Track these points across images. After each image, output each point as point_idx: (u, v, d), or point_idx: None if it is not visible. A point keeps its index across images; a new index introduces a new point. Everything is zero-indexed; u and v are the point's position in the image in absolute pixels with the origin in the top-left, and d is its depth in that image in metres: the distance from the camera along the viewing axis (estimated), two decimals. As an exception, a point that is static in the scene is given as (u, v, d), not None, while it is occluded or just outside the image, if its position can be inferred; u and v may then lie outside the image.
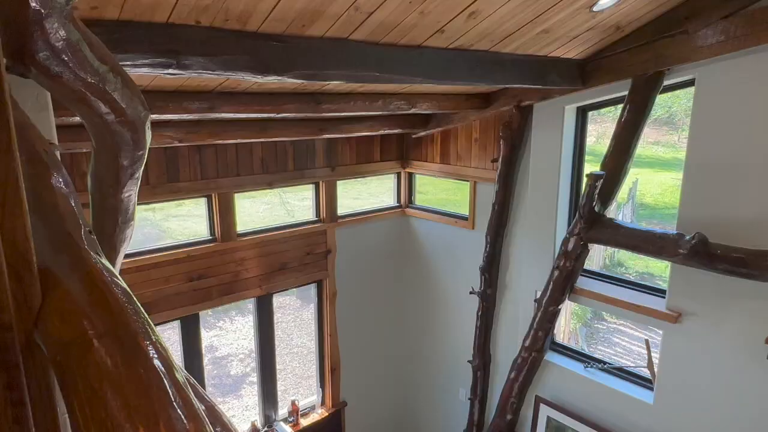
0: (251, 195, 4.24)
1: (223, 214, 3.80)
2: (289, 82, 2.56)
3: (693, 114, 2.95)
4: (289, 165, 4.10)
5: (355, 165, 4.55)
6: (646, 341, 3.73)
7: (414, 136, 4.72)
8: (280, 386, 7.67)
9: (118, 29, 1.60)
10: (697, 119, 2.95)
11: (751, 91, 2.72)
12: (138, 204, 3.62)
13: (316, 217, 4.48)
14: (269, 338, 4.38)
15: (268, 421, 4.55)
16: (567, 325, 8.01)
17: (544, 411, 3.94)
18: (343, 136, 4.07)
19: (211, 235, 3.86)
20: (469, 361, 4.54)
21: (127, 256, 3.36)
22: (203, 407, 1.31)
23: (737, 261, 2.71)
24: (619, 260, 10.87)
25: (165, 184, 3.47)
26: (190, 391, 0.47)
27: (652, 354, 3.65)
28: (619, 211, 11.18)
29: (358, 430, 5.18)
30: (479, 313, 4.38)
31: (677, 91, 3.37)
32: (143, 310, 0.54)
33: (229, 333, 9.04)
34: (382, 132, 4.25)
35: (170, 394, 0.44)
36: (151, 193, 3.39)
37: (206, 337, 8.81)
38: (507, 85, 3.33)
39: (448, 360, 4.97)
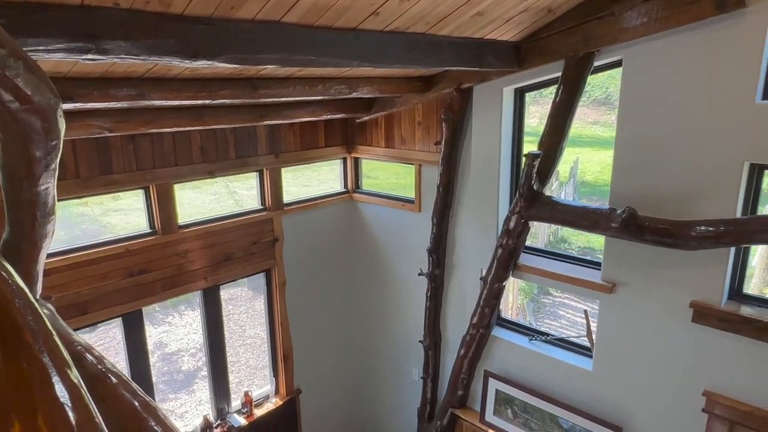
0: (197, 186, 4.14)
1: (162, 206, 3.67)
2: (223, 67, 2.49)
3: (621, 93, 3.09)
4: (230, 153, 4.00)
5: (299, 151, 4.49)
6: (585, 312, 3.92)
7: (358, 120, 4.70)
8: (234, 378, 7.58)
9: (28, 11, 1.49)
10: (624, 98, 3.08)
11: (672, 70, 2.87)
12: (69, 199, 3.41)
13: (262, 205, 4.41)
14: (218, 330, 4.29)
15: (222, 414, 4.49)
16: (515, 301, 8.29)
17: (493, 384, 4.08)
18: (286, 122, 4.00)
19: (150, 228, 3.72)
20: (420, 341, 4.63)
21: (58, 253, 3.20)
22: (137, 403, 1.27)
23: (663, 232, 2.87)
24: (562, 237, 11.30)
25: (97, 176, 3.31)
26: (82, 384, 0.46)
27: (591, 324, 3.84)
28: (562, 190, 11.60)
29: (314, 417, 5.20)
30: (428, 294, 4.46)
31: (613, 72, 3.51)
32: (39, 307, 0.51)
33: (178, 328, 8.81)
34: (325, 117, 4.21)
35: (56, 388, 0.42)
36: (82, 186, 3.23)
37: (155, 333, 8.55)
38: (446, 68, 3.36)
39: (400, 341, 5.04)
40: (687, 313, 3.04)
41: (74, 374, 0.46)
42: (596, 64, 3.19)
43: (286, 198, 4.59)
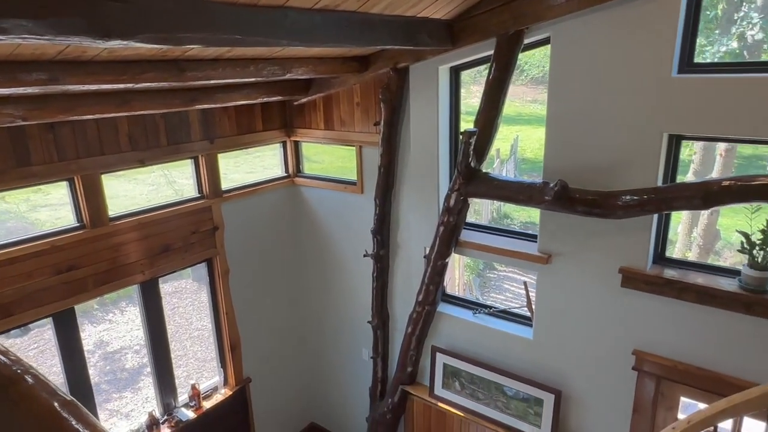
0: (132, 177, 3.94)
1: (89, 198, 3.47)
2: (142, 48, 2.37)
3: (550, 70, 3.18)
4: (161, 140, 3.82)
5: (236, 136, 4.36)
6: (525, 283, 4.07)
7: (296, 103, 4.61)
8: (183, 372, 7.39)
9: None
10: (553, 75, 3.17)
11: (597, 46, 2.97)
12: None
13: (199, 193, 4.26)
14: (160, 324, 4.15)
15: (168, 409, 4.37)
16: (461, 278, 8.49)
17: (441, 359, 4.18)
18: (219, 106, 3.86)
19: (78, 222, 3.52)
20: (368, 322, 4.66)
21: (-27, 253, 2.98)
22: (56, 403, 1.21)
23: (592, 203, 3.01)
24: (505, 213, 11.64)
25: (14, 169, 3.08)
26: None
27: (531, 294, 3.99)
28: (503, 167, 11.90)
29: (266, 404, 5.16)
30: (375, 275, 4.49)
31: (548, 50, 3.58)
32: None
33: (120, 325, 8.47)
34: (261, 100, 4.09)
35: None
36: (-4, 180, 3.00)
37: (94, 332, 8.19)
38: (380, 47, 3.34)
39: (348, 323, 5.07)
40: (616, 278, 3.21)
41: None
42: (526, 41, 3.26)
43: (227, 185, 4.47)
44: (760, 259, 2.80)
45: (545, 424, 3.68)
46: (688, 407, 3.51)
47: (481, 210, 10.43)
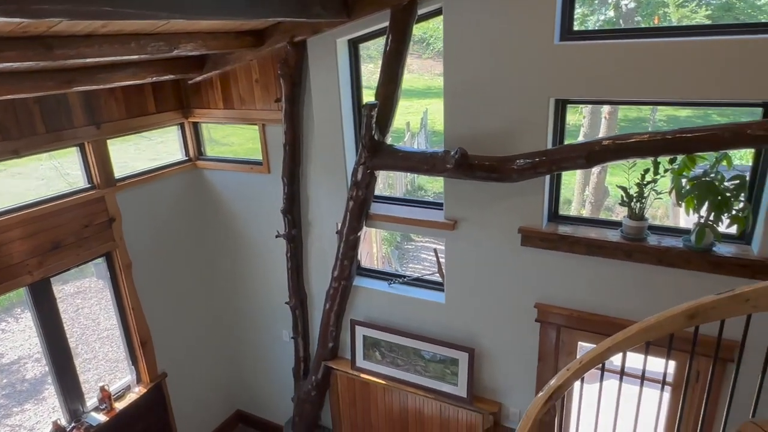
0: (16, 172, 3.53)
1: (-45, 196, 3.10)
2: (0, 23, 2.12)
3: (444, 41, 3.23)
4: (38, 127, 3.48)
5: (126, 120, 4.06)
6: (435, 250, 4.20)
7: (190, 81, 4.36)
8: (93, 376, 6.95)
9: None
10: (447, 46, 3.23)
11: (485, 16, 3.05)
12: None
13: (89, 183, 3.95)
14: (57, 328, 3.85)
15: (76, 415, 4.10)
16: (380, 251, 8.62)
17: (360, 331, 4.25)
18: (102, 87, 3.56)
19: (-55, 224, 3.15)
20: (286, 303, 4.62)
21: None
22: None
23: (490, 168, 3.14)
24: (419, 185, 11.89)
25: None
26: None
27: (441, 260, 4.13)
28: (414, 140, 12.10)
29: (186, 397, 4.99)
30: (288, 255, 4.43)
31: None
32: None
33: (15, 334, 7.75)
34: (151, 80, 3.83)
35: None
36: None
37: (-16, 344, 7.44)
38: (273, 19, 3.23)
39: (266, 306, 4.99)
40: (516, 238, 3.40)
41: None
42: (420, 12, 3.29)
43: (125, 172, 4.17)
44: (637, 210, 3.08)
45: (461, 381, 3.87)
46: (585, 350, 3.83)
47: (395, 183, 10.58)
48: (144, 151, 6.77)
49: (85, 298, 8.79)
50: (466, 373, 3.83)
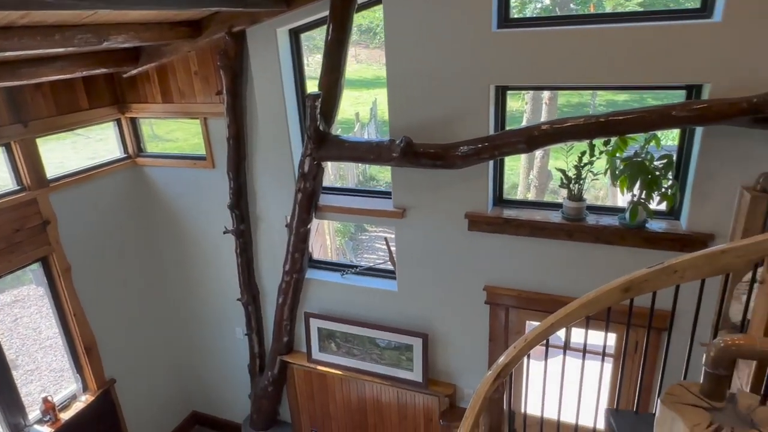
0: None
1: None
2: None
3: (385, 30, 3.23)
4: (-44, 127, 3.25)
5: (56, 117, 3.85)
6: (386, 239, 4.23)
7: (125, 75, 4.18)
8: (37, 387, 6.63)
9: None
10: (389, 34, 3.24)
11: (425, 4, 3.07)
12: None
13: (18, 185, 3.73)
14: (-10, 339, 3.64)
15: (18, 429, 3.90)
16: (333, 242, 8.59)
17: (314, 323, 4.23)
18: (27, 82, 3.35)
19: None
20: (238, 299, 4.54)
21: None
22: None
23: (435, 155, 3.18)
24: (371, 175, 11.90)
25: None
26: None
27: (392, 249, 4.17)
28: (364, 130, 12.08)
29: (137, 402, 4.84)
30: (238, 251, 4.35)
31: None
32: None
33: (-54, 349, 7.27)
34: (81, 74, 3.64)
35: None
36: None
37: None
38: (210, 9, 3.14)
39: (217, 304, 4.88)
40: (464, 223, 3.47)
41: None
42: (360, 1, 3.28)
43: (57, 172, 3.96)
44: (576, 192, 3.20)
45: (417, 366, 3.93)
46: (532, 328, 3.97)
47: (347, 175, 10.54)
48: (81, 149, 6.45)
49: (24, 307, 8.34)
50: (421, 359, 3.89)
